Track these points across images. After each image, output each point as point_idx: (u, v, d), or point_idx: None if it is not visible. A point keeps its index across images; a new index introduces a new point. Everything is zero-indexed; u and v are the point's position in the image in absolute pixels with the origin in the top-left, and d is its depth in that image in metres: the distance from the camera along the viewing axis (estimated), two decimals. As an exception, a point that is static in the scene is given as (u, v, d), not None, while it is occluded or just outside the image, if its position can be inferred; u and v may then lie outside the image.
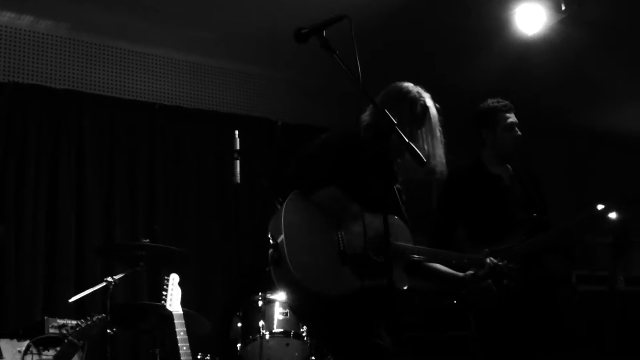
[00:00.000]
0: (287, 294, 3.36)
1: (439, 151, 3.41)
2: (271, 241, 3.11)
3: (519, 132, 4.49)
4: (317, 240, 3.14)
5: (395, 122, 2.90)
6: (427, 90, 3.51)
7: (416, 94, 3.42)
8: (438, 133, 3.43)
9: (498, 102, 4.57)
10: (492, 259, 3.42)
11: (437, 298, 5.84)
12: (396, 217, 3.37)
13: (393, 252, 3.14)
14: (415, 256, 3.36)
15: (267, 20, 6.38)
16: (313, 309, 3.20)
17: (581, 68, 7.02)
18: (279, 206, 3.26)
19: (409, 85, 3.46)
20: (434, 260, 3.49)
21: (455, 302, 4.44)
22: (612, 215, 4.31)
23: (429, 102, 3.44)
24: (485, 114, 4.57)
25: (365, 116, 3.36)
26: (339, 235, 3.15)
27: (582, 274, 6.23)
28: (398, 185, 3.49)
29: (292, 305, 3.74)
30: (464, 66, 6.87)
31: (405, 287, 3.24)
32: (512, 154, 4.56)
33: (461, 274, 3.50)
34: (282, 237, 3.06)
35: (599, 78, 7.23)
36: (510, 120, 4.51)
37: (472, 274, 3.46)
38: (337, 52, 2.96)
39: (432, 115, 3.43)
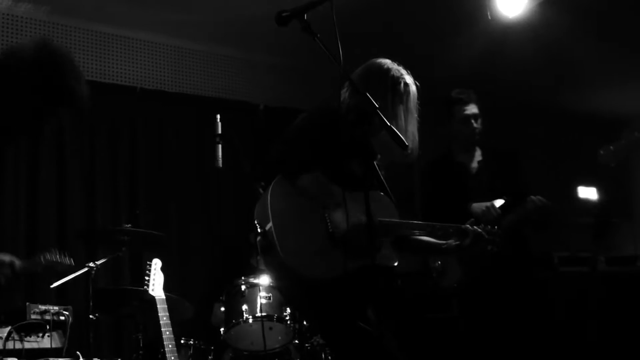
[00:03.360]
0: (278, 281, 3.36)
1: (413, 129, 3.40)
2: (259, 229, 3.10)
3: (476, 125, 4.59)
4: (305, 225, 3.14)
5: (377, 105, 2.90)
6: (410, 72, 3.51)
7: (396, 71, 3.41)
8: (415, 111, 3.43)
9: (456, 94, 4.66)
10: (475, 227, 3.45)
11: (420, 280, 5.87)
12: (381, 193, 3.38)
13: (378, 229, 3.16)
14: (401, 231, 3.37)
15: (249, 3, 6.34)
16: (305, 293, 3.20)
17: (561, 51, 7.04)
18: (261, 191, 3.26)
19: (388, 62, 3.44)
20: (420, 232, 3.51)
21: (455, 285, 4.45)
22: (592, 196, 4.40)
23: (409, 79, 3.44)
24: (445, 105, 4.69)
25: (345, 96, 3.33)
26: (327, 218, 3.15)
27: (563, 256, 6.27)
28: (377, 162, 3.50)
29: (284, 292, 3.75)
30: (445, 49, 6.86)
31: (395, 264, 3.24)
32: (472, 143, 4.65)
33: (445, 244, 3.53)
34: (270, 224, 3.04)
35: (579, 61, 7.26)
36: (465, 112, 4.63)
37: (457, 243, 3.49)
38: (318, 35, 2.94)
39: (411, 93, 3.43)
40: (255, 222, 3.12)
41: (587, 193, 7.76)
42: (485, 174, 4.63)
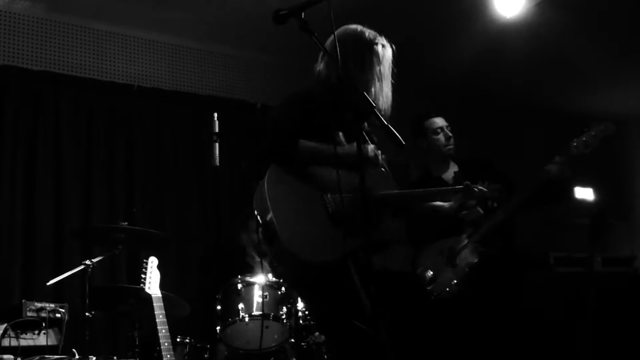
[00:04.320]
0: (286, 269, 3.33)
1: (387, 90, 3.41)
2: (260, 220, 3.08)
3: (449, 133, 4.73)
4: (305, 208, 3.11)
5: (374, 105, 2.91)
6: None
7: (370, 34, 3.43)
8: (389, 73, 3.44)
9: (425, 110, 4.90)
10: (474, 186, 3.50)
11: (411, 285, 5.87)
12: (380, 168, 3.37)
13: (377, 202, 3.15)
14: (401, 201, 3.39)
15: (246, 1, 6.33)
16: (313, 279, 3.18)
17: (559, 50, 7.04)
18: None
19: (360, 26, 3.46)
20: (421, 200, 3.56)
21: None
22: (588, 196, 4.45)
23: (384, 41, 3.45)
24: (414, 124, 4.89)
25: (321, 67, 3.41)
26: (326, 199, 3.13)
27: (559, 256, 6.28)
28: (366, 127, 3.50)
29: (290, 280, 3.74)
30: (443, 49, 6.86)
31: (398, 237, 3.26)
32: (448, 154, 4.80)
33: (447, 205, 3.60)
34: (270, 214, 3.00)
35: (577, 60, 7.26)
36: (437, 123, 4.83)
37: (460, 203, 3.58)
38: (315, 34, 2.95)
39: (387, 55, 3.44)
40: (255, 213, 3.10)
41: (584, 194, 7.78)
42: (462, 181, 4.69)
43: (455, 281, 4.41)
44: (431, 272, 4.51)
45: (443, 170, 4.87)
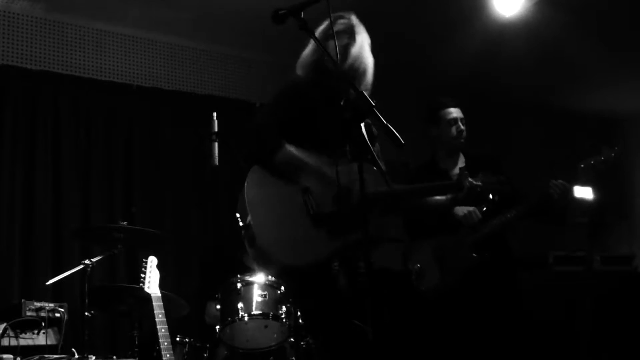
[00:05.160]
0: (269, 271, 3.33)
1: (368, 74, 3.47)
2: (240, 223, 3.08)
3: (463, 127, 4.66)
4: (286, 210, 3.11)
5: (374, 104, 2.90)
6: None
7: (349, 19, 3.51)
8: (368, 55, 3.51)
9: (442, 98, 4.76)
10: (470, 179, 3.47)
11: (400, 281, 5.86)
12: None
13: (362, 201, 3.12)
14: (392, 199, 3.31)
15: (246, 1, 6.33)
16: (296, 280, 3.18)
17: (559, 50, 7.04)
18: None
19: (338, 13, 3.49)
20: (415, 197, 3.51)
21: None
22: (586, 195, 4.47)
23: (360, 29, 3.55)
24: (429, 111, 4.80)
25: (308, 52, 3.50)
26: (307, 199, 3.12)
27: (558, 255, 6.28)
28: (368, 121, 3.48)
29: (278, 276, 3.72)
30: (442, 48, 6.86)
31: (388, 236, 3.23)
32: (458, 146, 4.74)
33: (443, 198, 3.55)
34: (248, 217, 3.02)
35: (577, 60, 7.26)
36: (452, 115, 4.73)
37: (452, 197, 3.49)
38: (315, 34, 2.95)
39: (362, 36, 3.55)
40: (237, 215, 3.10)
41: (583, 193, 7.77)
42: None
43: (441, 280, 4.42)
44: (419, 265, 4.51)
45: (450, 163, 4.79)
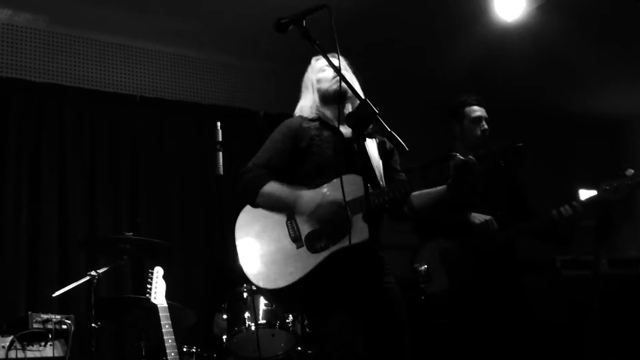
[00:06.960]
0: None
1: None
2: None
3: (486, 126, 4.65)
4: (271, 247, 3.31)
5: (377, 111, 2.90)
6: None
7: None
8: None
9: (468, 96, 4.76)
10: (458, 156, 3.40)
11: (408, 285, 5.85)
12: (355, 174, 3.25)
13: (369, 210, 3.14)
14: (379, 200, 3.25)
15: (248, 10, 6.35)
16: (287, 298, 3.42)
17: (560, 54, 7.05)
18: None
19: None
20: (412, 190, 3.41)
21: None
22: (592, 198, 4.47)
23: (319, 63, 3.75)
24: (454, 107, 4.78)
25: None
26: (289, 225, 3.30)
27: (566, 259, 6.27)
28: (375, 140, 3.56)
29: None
30: (444, 52, 6.87)
31: (366, 238, 3.15)
32: (479, 145, 4.71)
33: (441, 188, 3.45)
34: (236, 241, 3.47)
35: (578, 63, 7.26)
36: (477, 113, 4.70)
37: (448, 184, 3.37)
38: (317, 42, 2.96)
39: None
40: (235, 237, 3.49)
41: (589, 195, 7.74)
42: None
43: (447, 287, 4.40)
44: (425, 266, 4.49)
45: None
